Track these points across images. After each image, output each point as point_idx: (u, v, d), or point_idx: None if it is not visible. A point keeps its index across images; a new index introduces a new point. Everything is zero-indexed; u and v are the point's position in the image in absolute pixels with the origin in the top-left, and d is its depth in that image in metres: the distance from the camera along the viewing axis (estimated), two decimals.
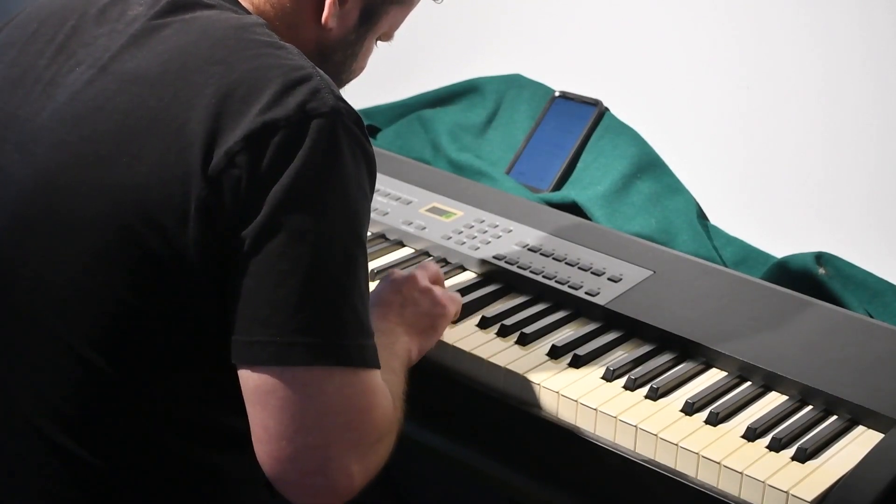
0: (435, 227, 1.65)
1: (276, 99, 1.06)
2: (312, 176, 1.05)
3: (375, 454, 1.10)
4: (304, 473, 1.06)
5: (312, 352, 1.04)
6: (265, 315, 1.05)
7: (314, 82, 1.08)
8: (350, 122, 1.08)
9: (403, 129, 2.08)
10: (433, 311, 1.35)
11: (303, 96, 1.07)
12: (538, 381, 1.34)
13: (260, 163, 1.04)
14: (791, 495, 1.18)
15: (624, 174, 1.80)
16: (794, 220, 1.76)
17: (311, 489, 1.07)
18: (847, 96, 1.69)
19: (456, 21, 2.13)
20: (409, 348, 1.30)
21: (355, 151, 1.08)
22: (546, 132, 1.93)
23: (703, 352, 1.39)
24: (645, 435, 1.26)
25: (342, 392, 1.06)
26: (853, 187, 1.70)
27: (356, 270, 1.08)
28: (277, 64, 1.09)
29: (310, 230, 1.05)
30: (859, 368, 1.35)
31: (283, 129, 1.05)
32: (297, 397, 1.05)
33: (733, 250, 1.72)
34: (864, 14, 1.66)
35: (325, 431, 1.05)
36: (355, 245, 1.08)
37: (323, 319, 1.05)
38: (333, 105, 1.07)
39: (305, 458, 1.06)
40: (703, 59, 1.83)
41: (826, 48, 1.70)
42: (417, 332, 1.32)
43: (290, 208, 1.04)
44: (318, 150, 1.06)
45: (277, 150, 1.05)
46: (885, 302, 1.58)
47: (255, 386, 1.06)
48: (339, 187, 1.07)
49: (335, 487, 1.07)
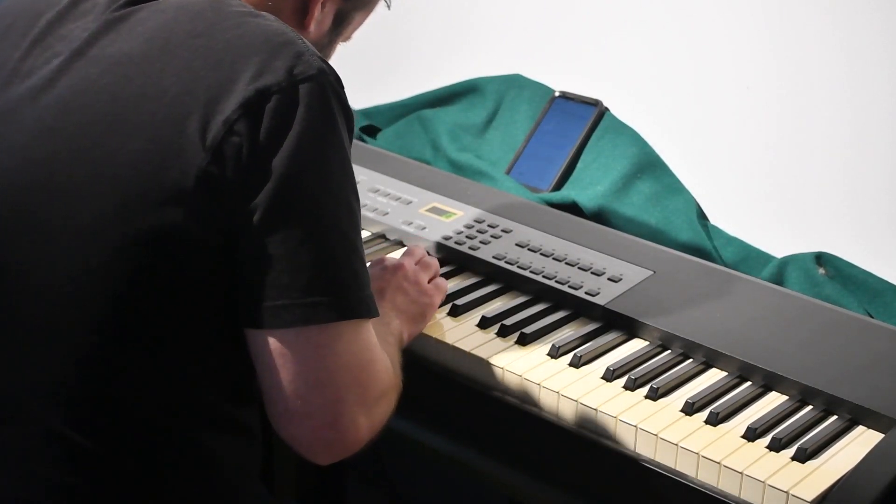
0: (435, 227, 1.65)
1: (264, 65, 1.08)
2: (311, 139, 1.08)
3: (379, 408, 1.15)
4: (316, 428, 1.11)
5: (334, 308, 1.08)
6: (286, 279, 1.07)
7: (297, 45, 1.11)
8: (334, 81, 1.12)
9: (403, 129, 2.08)
10: (421, 300, 1.41)
11: (289, 60, 1.09)
12: (538, 381, 1.34)
13: (258, 130, 1.06)
14: (791, 495, 1.18)
15: (624, 174, 1.80)
16: (793, 220, 1.76)
17: (322, 442, 1.12)
18: (848, 96, 1.69)
19: (456, 21, 2.13)
20: (400, 330, 1.34)
21: (340, 111, 1.12)
22: (546, 132, 1.93)
23: (704, 352, 1.39)
24: (645, 435, 1.26)
25: (350, 350, 1.10)
26: (853, 187, 1.70)
27: (358, 223, 1.13)
28: (258, 31, 1.11)
29: (318, 193, 1.08)
30: (859, 368, 1.35)
31: (276, 95, 1.07)
32: (314, 355, 1.09)
33: (733, 250, 1.72)
34: (865, 14, 1.66)
35: (336, 387, 1.10)
36: (355, 199, 1.13)
37: (341, 276, 1.09)
38: (319, 66, 1.10)
39: (318, 414, 1.10)
40: (703, 59, 1.83)
41: (826, 48, 1.70)
42: (407, 319, 1.37)
43: (297, 174, 1.07)
44: (313, 113, 1.08)
45: (274, 117, 1.07)
46: (885, 302, 1.58)
47: (273, 348, 1.09)
48: (335, 146, 1.10)
49: (345, 440, 1.12)
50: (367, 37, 2.29)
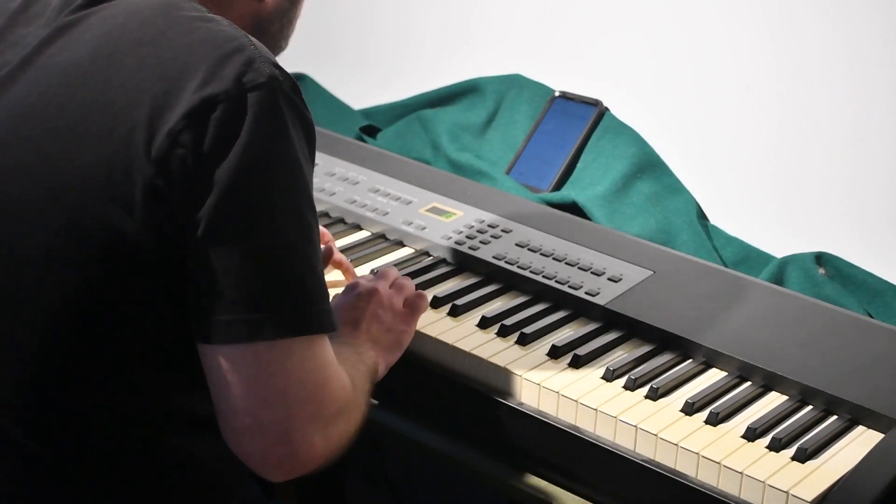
0: (435, 227, 1.65)
1: (212, 73, 1.05)
2: (258, 150, 1.05)
3: (336, 427, 1.12)
4: (267, 445, 1.08)
5: (281, 325, 1.06)
6: (231, 294, 1.05)
7: (248, 52, 1.07)
8: (288, 88, 1.09)
9: (403, 129, 2.08)
10: (396, 328, 1.36)
11: (238, 68, 1.06)
12: (538, 381, 1.34)
13: (203, 141, 1.04)
14: (791, 495, 1.18)
15: (624, 174, 1.80)
16: (793, 220, 1.76)
17: (274, 459, 1.09)
18: (848, 96, 1.69)
19: (456, 21, 2.13)
20: (376, 362, 1.30)
21: (295, 119, 1.09)
22: (546, 132, 1.93)
23: (703, 352, 1.39)
24: (645, 435, 1.26)
25: (302, 367, 1.07)
26: (854, 187, 1.70)
27: (312, 236, 1.09)
28: (209, 37, 1.08)
29: (264, 205, 1.05)
30: (859, 368, 1.35)
31: (223, 104, 1.04)
32: (262, 372, 1.06)
33: (733, 250, 1.72)
34: (865, 14, 1.66)
35: (286, 404, 1.07)
36: (309, 211, 1.09)
37: (289, 291, 1.06)
38: (270, 74, 1.07)
39: (268, 431, 1.08)
40: (703, 59, 1.83)
41: (826, 48, 1.70)
42: (383, 349, 1.33)
43: (241, 185, 1.04)
44: (261, 122, 1.05)
45: (219, 126, 1.04)
46: (885, 302, 1.58)
47: (220, 363, 1.07)
48: (285, 157, 1.07)
49: (298, 458, 1.09)
50: (367, 36, 2.29)
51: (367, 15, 2.26)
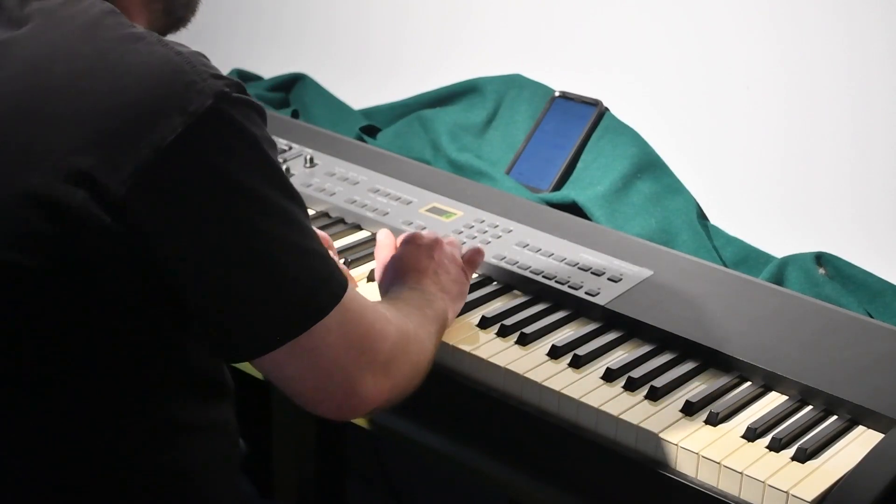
0: (435, 227, 1.65)
1: (156, 110, 1.01)
2: (223, 174, 1.03)
3: (397, 363, 1.17)
4: (338, 404, 1.14)
5: (307, 318, 1.08)
6: (246, 312, 1.07)
7: (185, 75, 1.03)
8: (234, 92, 1.05)
9: (403, 129, 2.08)
10: (460, 278, 1.42)
11: (181, 98, 1.02)
12: (538, 381, 1.34)
13: (163, 182, 1.02)
14: (791, 495, 1.18)
15: (624, 174, 1.80)
16: (794, 220, 1.76)
17: (349, 411, 1.15)
18: (849, 95, 1.69)
19: (456, 21, 2.13)
20: (446, 310, 1.36)
21: (251, 117, 1.07)
22: (546, 132, 1.93)
23: (704, 352, 1.39)
24: (645, 435, 1.26)
25: (342, 330, 1.10)
26: (854, 187, 1.70)
27: (296, 218, 1.09)
28: (142, 64, 1.03)
29: (244, 220, 1.05)
30: (859, 368, 1.35)
31: (179, 143, 1.01)
32: (308, 359, 1.10)
33: (733, 250, 1.72)
34: (866, 13, 1.66)
35: (343, 367, 1.11)
36: (289, 199, 1.09)
37: (299, 285, 1.08)
38: (215, 91, 1.03)
39: (337, 393, 1.12)
40: (703, 59, 1.83)
41: (828, 47, 1.70)
42: (451, 297, 1.39)
43: (216, 211, 1.04)
44: (223, 146, 1.04)
45: (183, 166, 1.02)
46: (885, 302, 1.58)
47: (266, 368, 1.11)
48: (255, 165, 1.06)
49: (369, 402, 1.14)
50: (367, 36, 2.29)
51: (367, 15, 2.26)
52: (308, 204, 1.74)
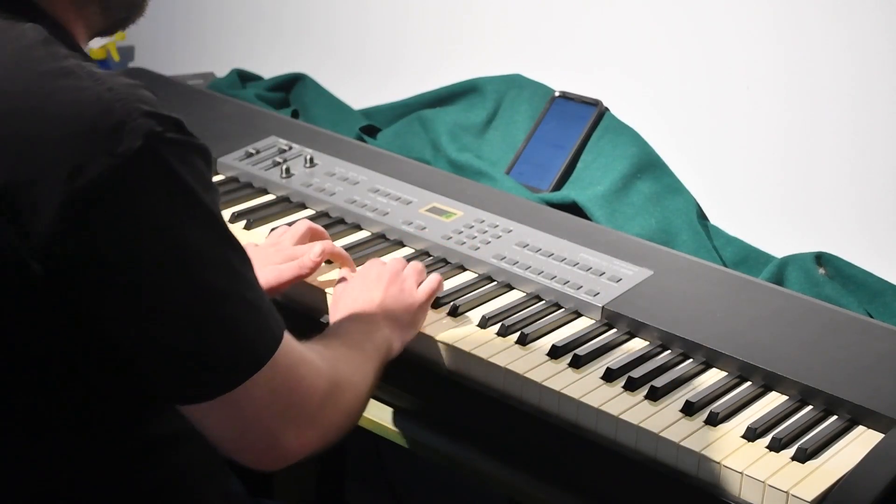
0: (435, 227, 1.65)
1: (82, 153, 0.97)
2: (159, 221, 1.00)
3: (325, 414, 1.13)
4: (258, 455, 1.10)
5: (232, 376, 1.05)
6: (176, 364, 1.03)
7: (115, 114, 0.98)
8: (167, 131, 1.00)
9: (403, 129, 2.08)
10: (413, 307, 1.40)
11: (109, 140, 0.97)
12: (538, 381, 1.34)
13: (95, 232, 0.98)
14: (791, 495, 1.18)
15: (624, 174, 1.80)
16: (794, 220, 1.76)
17: (270, 463, 1.11)
18: (849, 96, 1.69)
19: (456, 21, 2.13)
20: (390, 340, 1.33)
21: (186, 157, 1.01)
22: (546, 132, 1.93)
23: (703, 352, 1.39)
24: (645, 435, 1.26)
25: (269, 387, 1.07)
26: (854, 187, 1.70)
27: (232, 267, 1.05)
28: (68, 104, 0.98)
29: (176, 270, 1.01)
30: (859, 368, 1.35)
31: (105, 190, 0.97)
32: (232, 412, 1.06)
33: (733, 250, 1.72)
34: (866, 12, 1.66)
35: (266, 422, 1.08)
36: (225, 246, 1.05)
37: (231, 338, 1.04)
38: (146, 130, 0.98)
39: (257, 445, 1.09)
40: (703, 59, 1.83)
41: (828, 48, 1.70)
42: (399, 327, 1.36)
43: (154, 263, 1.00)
44: (152, 192, 0.99)
45: (109, 214, 0.98)
46: (885, 302, 1.58)
47: (189, 414, 1.08)
48: (188, 211, 1.01)
49: (292, 454, 1.11)
50: (367, 36, 2.29)
51: (367, 15, 2.26)
52: (308, 204, 1.75)
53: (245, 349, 1.05)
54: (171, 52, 2.56)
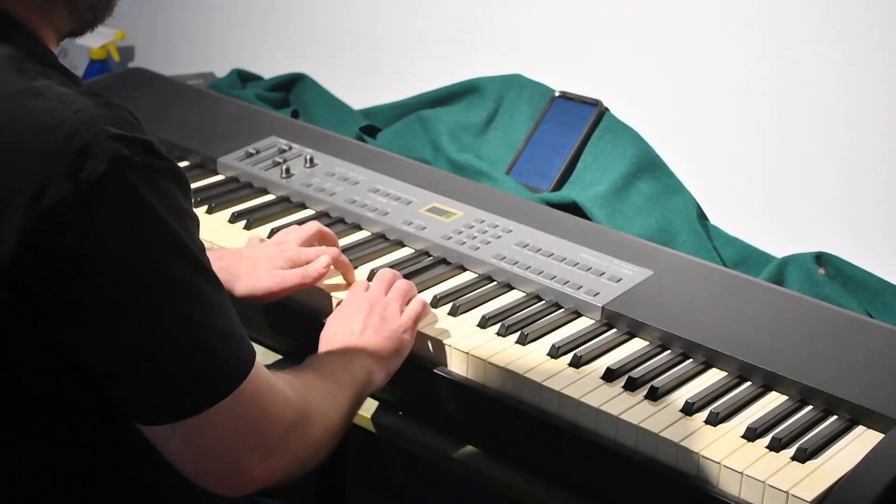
0: (435, 227, 1.65)
1: (45, 178, 0.95)
2: (121, 247, 0.98)
3: (291, 443, 1.12)
4: (220, 481, 1.10)
5: (195, 401, 1.04)
6: (140, 386, 1.03)
7: (80, 136, 0.96)
8: (135, 155, 0.99)
9: (403, 129, 2.08)
10: (396, 334, 1.37)
11: (72, 162, 0.95)
12: (538, 381, 1.34)
13: (56, 255, 0.97)
14: (791, 495, 1.18)
15: (624, 174, 1.80)
16: (793, 220, 1.76)
17: (231, 489, 1.10)
18: (849, 96, 1.69)
19: (456, 21, 2.13)
20: (371, 371, 1.31)
21: (156, 182, 1.00)
22: (546, 132, 1.93)
23: (703, 352, 1.39)
24: (645, 435, 1.26)
25: (233, 414, 1.06)
26: (854, 187, 1.70)
27: (203, 293, 1.04)
28: (34, 125, 0.97)
29: (142, 295, 1.00)
30: (859, 368, 1.35)
31: (67, 214, 0.96)
32: (195, 437, 1.06)
33: (733, 250, 1.73)
34: (861, 15, 1.66)
35: (228, 449, 1.07)
36: (194, 273, 1.03)
37: (196, 365, 1.03)
38: (112, 154, 0.97)
39: (218, 472, 1.09)
40: (703, 59, 1.83)
41: (825, 49, 1.70)
42: (382, 357, 1.34)
43: (115, 288, 0.99)
44: (115, 218, 0.98)
45: (70, 238, 0.96)
46: (885, 302, 1.58)
47: (151, 435, 1.07)
48: (155, 236, 1.00)
49: (254, 482, 1.10)
50: (367, 36, 2.29)
51: (367, 15, 2.26)
52: (308, 204, 1.75)
53: (209, 376, 1.04)
54: (171, 52, 2.56)
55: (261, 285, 1.44)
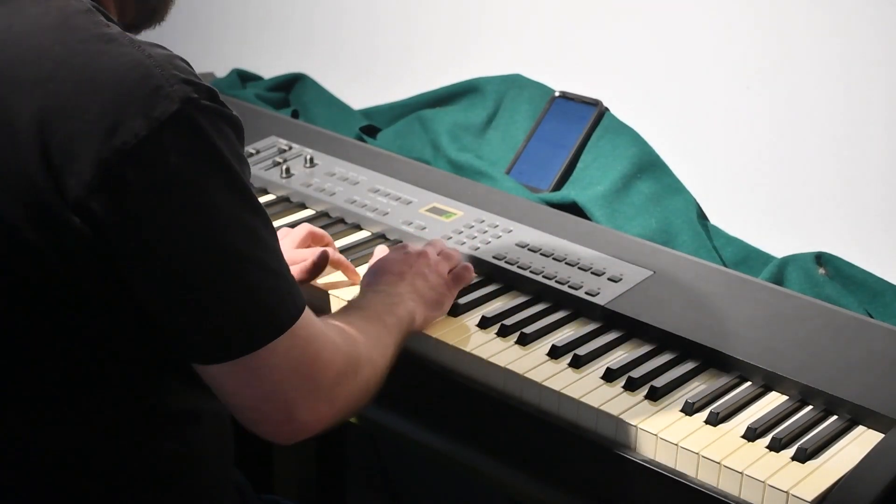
0: (435, 227, 1.65)
1: (120, 114, 1.00)
2: (191, 183, 1.03)
3: (342, 389, 1.14)
4: (275, 426, 1.12)
5: (252, 338, 1.07)
6: (198, 319, 1.06)
7: (154, 79, 1.02)
8: (204, 99, 1.04)
9: (403, 129, 2.08)
10: (439, 288, 1.42)
11: (146, 102, 1.01)
12: (538, 381, 1.34)
13: (125, 193, 1.01)
14: (791, 495, 1.18)
15: (624, 174, 1.80)
16: (794, 219, 1.76)
17: (286, 435, 1.13)
18: (849, 96, 1.69)
19: (456, 21, 2.13)
20: (414, 313, 1.35)
21: (220, 126, 1.05)
22: (546, 132, 1.93)
23: (704, 352, 1.39)
24: (645, 435, 1.26)
25: (288, 356, 1.09)
26: (854, 187, 1.70)
27: (259, 235, 1.08)
28: (110, 68, 1.02)
29: (203, 232, 1.04)
30: (859, 368, 1.35)
31: (137, 150, 1.00)
32: (250, 377, 1.08)
33: (733, 250, 1.72)
34: (861, 15, 1.66)
35: (283, 392, 1.10)
36: (250, 213, 1.07)
37: (252, 302, 1.06)
38: (182, 96, 1.02)
39: (274, 415, 1.11)
40: (703, 59, 1.83)
41: (825, 48, 1.70)
42: (424, 302, 1.39)
43: (185, 224, 1.03)
44: (186, 154, 1.02)
45: (144, 173, 1.01)
46: (885, 302, 1.58)
47: (209, 376, 1.10)
48: (218, 175, 1.04)
49: (307, 428, 1.12)
50: (367, 37, 2.29)
51: (367, 15, 2.26)
52: (308, 204, 1.75)
53: (265, 314, 1.07)
54: None
55: None
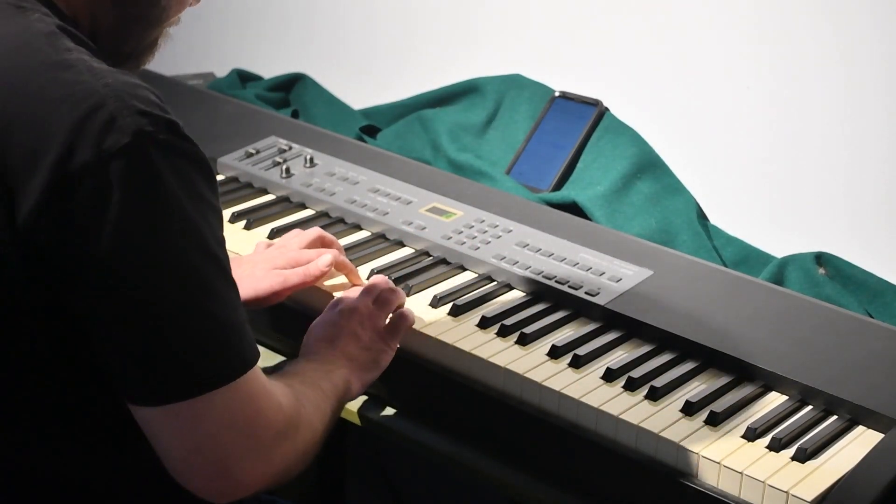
0: (435, 227, 1.65)
1: (70, 142, 0.98)
2: (133, 221, 0.99)
3: (279, 450, 1.11)
4: (205, 481, 1.09)
5: (188, 386, 1.03)
6: (139, 362, 1.03)
7: (107, 109, 0.99)
8: (161, 133, 1.01)
9: (403, 129, 2.08)
10: (374, 346, 1.36)
11: (97, 133, 0.98)
12: (538, 381, 1.34)
13: (68, 222, 0.99)
14: (791, 495, 1.18)
15: (624, 174, 1.80)
16: (793, 220, 1.76)
17: (216, 491, 1.10)
18: (849, 96, 1.69)
19: (456, 21, 2.13)
20: (349, 380, 1.30)
21: (177, 164, 1.02)
22: (546, 132, 1.93)
23: (704, 352, 1.39)
24: (645, 435, 1.26)
25: (227, 410, 1.06)
26: (854, 187, 1.70)
27: (210, 283, 1.04)
28: (65, 94, 1.00)
29: (149, 275, 1.01)
30: (859, 368, 1.35)
31: (83, 181, 0.98)
32: (186, 425, 1.05)
33: (733, 250, 1.72)
34: (862, 14, 1.66)
35: (218, 447, 1.06)
36: (202, 258, 1.04)
37: (196, 349, 1.03)
38: (135, 128, 0.99)
39: (205, 469, 1.08)
40: (703, 59, 1.83)
41: (825, 48, 1.70)
42: (359, 367, 1.33)
43: (119, 261, 1.00)
44: (131, 191, 0.99)
45: (83, 205, 0.98)
46: (885, 302, 1.58)
47: (143, 420, 1.07)
48: (168, 215, 1.01)
49: (239, 487, 1.09)
50: (367, 36, 2.29)
51: (367, 15, 2.26)
52: (308, 204, 1.75)
53: (204, 364, 1.04)
54: (171, 52, 2.55)
55: (263, 286, 1.43)
